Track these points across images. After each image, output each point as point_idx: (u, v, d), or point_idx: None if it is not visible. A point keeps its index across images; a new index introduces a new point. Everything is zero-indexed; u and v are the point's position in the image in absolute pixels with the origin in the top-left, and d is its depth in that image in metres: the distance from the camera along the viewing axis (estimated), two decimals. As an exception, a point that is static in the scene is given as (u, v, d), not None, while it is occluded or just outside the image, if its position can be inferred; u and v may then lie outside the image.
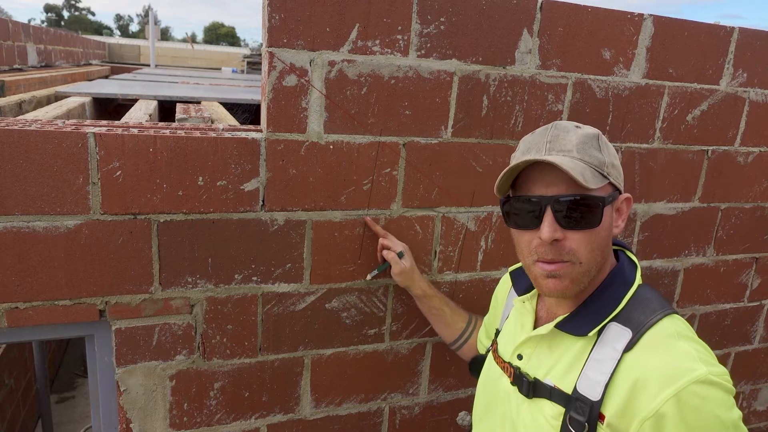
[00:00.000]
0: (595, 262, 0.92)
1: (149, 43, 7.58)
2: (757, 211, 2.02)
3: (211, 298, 1.39)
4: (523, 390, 1.00)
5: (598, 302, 0.95)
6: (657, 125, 1.75)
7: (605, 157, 0.92)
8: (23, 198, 1.18)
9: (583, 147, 0.91)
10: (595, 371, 0.90)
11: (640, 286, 0.96)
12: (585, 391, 0.89)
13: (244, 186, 1.34)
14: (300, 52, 1.31)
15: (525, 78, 1.54)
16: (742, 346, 2.21)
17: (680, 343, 0.86)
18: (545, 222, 0.89)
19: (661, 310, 0.91)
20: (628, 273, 0.98)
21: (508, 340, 1.11)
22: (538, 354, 1.01)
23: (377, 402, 1.67)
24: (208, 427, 1.47)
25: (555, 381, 0.95)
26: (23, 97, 2.28)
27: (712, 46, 1.73)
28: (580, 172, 0.87)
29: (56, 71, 3.99)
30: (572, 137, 0.92)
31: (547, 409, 0.95)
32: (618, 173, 0.95)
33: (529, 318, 1.06)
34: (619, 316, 0.92)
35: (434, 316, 1.49)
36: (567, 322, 0.96)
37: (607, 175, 0.91)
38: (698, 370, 0.81)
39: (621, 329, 0.90)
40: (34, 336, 1.30)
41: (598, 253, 0.92)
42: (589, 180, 0.87)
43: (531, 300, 1.08)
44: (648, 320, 0.89)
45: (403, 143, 1.47)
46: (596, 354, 0.91)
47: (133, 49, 8.95)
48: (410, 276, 1.46)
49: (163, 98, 2.64)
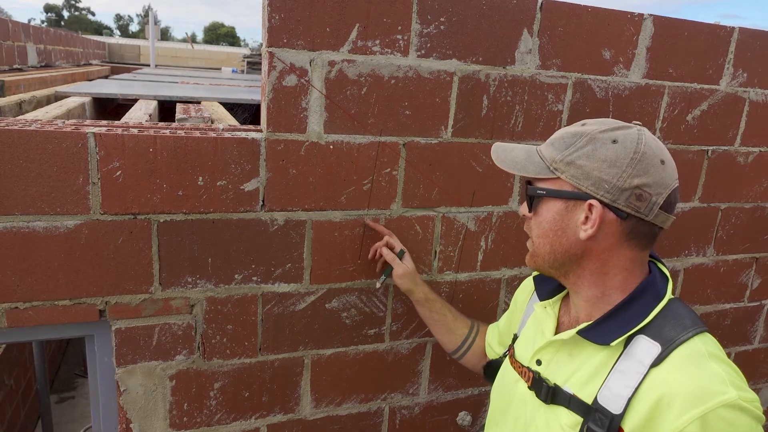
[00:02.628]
0: (542, 249, 0.98)
1: (149, 43, 7.59)
2: (757, 211, 2.02)
3: (211, 298, 1.39)
4: (542, 395, 0.98)
5: (626, 312, 0.92)
6: (657, 125, 1.75)
7: (562, 155, 0.93)
8: (23, 198, 1.18)
9: (554, 140, 0.97)
10: (618, 384, 0.87)
11: (672, 300, 0.93)
12: (606, 404, 0.87)
13: (244, 186, 1.34)
14: (300, 52, 1.31)
15: (525, 78, 1.54)
16: (742, 346, 2.21)
17: (711, 363, 0.83)
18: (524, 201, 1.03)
19: (693, 327, 0.88)
20: (659, 285, 0.95)
21: (526, 345, 1.09)
22: (558, 360, 0.99)
23: (377, 402, 1.67)
24: (208, 427, 1.47)
25: (574, 389, 0.93)
26: (23, 97, 2.28)
27: (712, 46, 1.73)
28: (523, 158, 0.99)
29: (56, 71, 3.99)
30: (560, 131, 0.99)
31: (564, 418, 0.93)
32: (582, 174, 0.90)
33: (551, 323, 1.05)
34: (647, 329, 0.89)
35: (436, 322, 1.44)
36: (591, 330, 0.94)
37: (554, 170, 0.94)
38: (728, 393, 0.78)
39: (650, 343, 0.87)
40: (34, 336, 1.30)
41: (544, 242, 0.97)
42: (524, 168, 0.98)
43: (553, 305, 1.07)
44: (679, 336, 0.86)
45: (403, 143, 1.47)
46: (621, 366, 0.88)
47: (133, 49, 8.95)
48: (413, 278, 1.43)
49: (163, 98, 2.64)
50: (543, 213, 0.96)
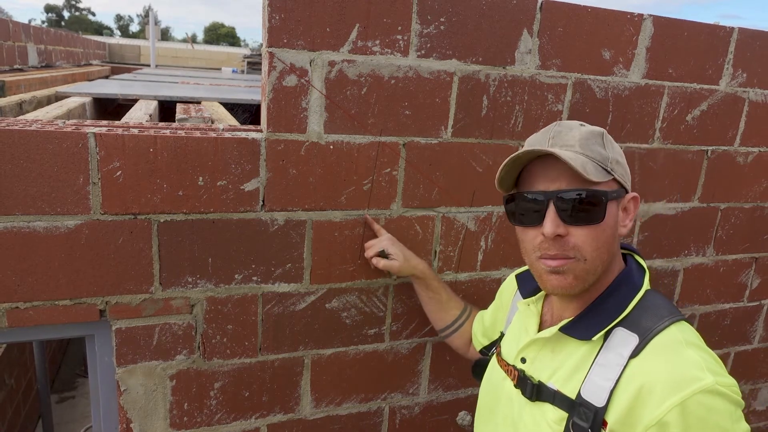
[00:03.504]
0: (600, 260, 0.90)
1: (149, 44, 7.59)
2: (757, 211, 2.03)
3: (212, 298, 1.39)
4: (527, 393, 0.99)
5: (604, 306, 0.94)
6: (657, 125, 1.75)
7: (609, 153, 0.92)
8: (23, 198, 1.18)
9: (586, 143, 0.92)
10: (600, 377, 0.88)
11: (648, 291, 0.95)
12: (589, 397, 0.88)
13: (244, 186, 1.34)
14: (300, 52, 1.31)
15: (525, 78, 1.54)
16: (742, 346, 2.21)
17: (688, 350, 0.84)
18: (548, 217, 0.89)
19: (670, 316, 0.89)
20: (636, 277, 0.96)
21: (512, 343, 1.10)
22: (542, 357, 1.00)
23: (377, 402, 1.67)
24: (208, 426, 1.47)
25: (558, 385, 0.94)
26: (24, 98, 2.28)
27: (711, 47, 1.73)
28: (581, 164, 0.87)
29: (57, 71, 3.99)
30: (576, 133, 0.93)
31: (550, 414, 0.94)
32: (624, 171, 0.95)
33: (534, 321, 1.05)
34: (625, 321, 0.90)
35: (430, 299, 1.47)
36: (571, 326, 0.95)
37: (611, 170, 0.91)
38: (705, 379, 0.79)
39: (627, 334, 0.88)
40: (35, 336, 1.30)
41: (604, 251, 0.90)
42: (591, 173, 0.87)
43: (536, 303, 1.07)
44: (655, 326, 0.87)
45: (403, 143, 1.47)
46: (601, 359, 0.89)
47: (134, 49, 8.96)
48: (408, 266, 1.44)
49: (163, 98, 2.65)
50: (608, 219, 0.90)
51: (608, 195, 0.89)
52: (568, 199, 0.88)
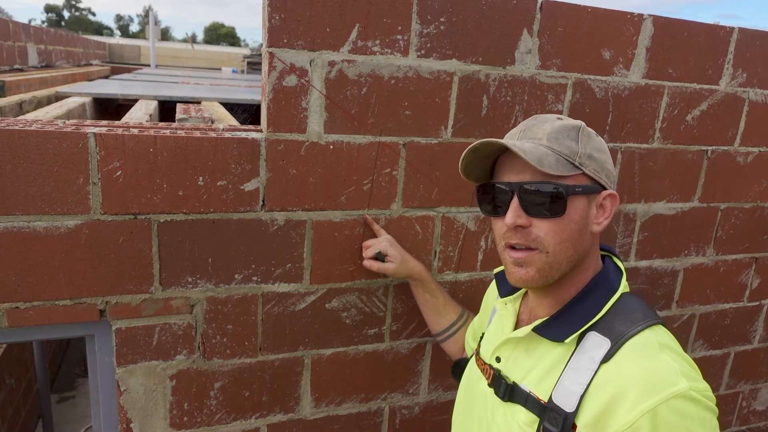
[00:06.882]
0: (564, 254, 0.90)
1: (149, 44, 7.60)
2: (757, 211, 2.03)
3: (212, 298, 1.39)
4: (500, 393, 0.98)
5: (578, 308, 0.92)
6: (657, 125, 1.75)
7: (580, 148, 0.91)
8: (24, 198, 1.18)
9: (557, 136, 0.91)
10: (571, 381, 0.87)
11: (624, 294, 0.93)
12: (560, 402, 0.87)
13: (244, 186, 1.34)
14: (300, 52, 1.31)
15: (525, 78, 1.54)
16: (742, 346, 2.21)
17: (662, 354, 0.82)
18: (511, 207, 0.90)
19: (645, 320, 0.87)
20: (612, 279, 0.95)
21: (489, 342, 1.09)
22: (516, 357, 0.99)
23: (377, 402, 1.67)
24: (208, 426, 1.48)
25: (531, 387, 0.93)
26: (24, 98, 2.28)
27: (711, 47, 1.74)
28: (538, 157, 0.87)
29: (57, 71, 4.00)
30: (547, 127, 0.93)
31: (521, 416, 0.93)
32: (599, 167, 0.92)
33: (510, 320, 1.05)
34: (598, 324, 0.89)
35: (426, 302, 1.47)
36: (545, 327, 0.94)
37: (579, 165, 0.90)
38: (679, 384, 0.77)
39: (600, 339, 0.87)
40: (35, 336, 1.30)
41: (568, 245, 0.90)
42: (549, 166, 0.87)
43: (514, 302, 1.07)
44: (628, 331, 0.85)
45: (403, 143, 1.47)
46: (574, 363, 0.88)
47: (134, 49, 8.96)
48: (405, 268, 1.44)
49: (163, 98, 2.65)
50: (571, 213, 0.89)
51: (571, 189, 0.88)
52: (529, 191, 0.89)
